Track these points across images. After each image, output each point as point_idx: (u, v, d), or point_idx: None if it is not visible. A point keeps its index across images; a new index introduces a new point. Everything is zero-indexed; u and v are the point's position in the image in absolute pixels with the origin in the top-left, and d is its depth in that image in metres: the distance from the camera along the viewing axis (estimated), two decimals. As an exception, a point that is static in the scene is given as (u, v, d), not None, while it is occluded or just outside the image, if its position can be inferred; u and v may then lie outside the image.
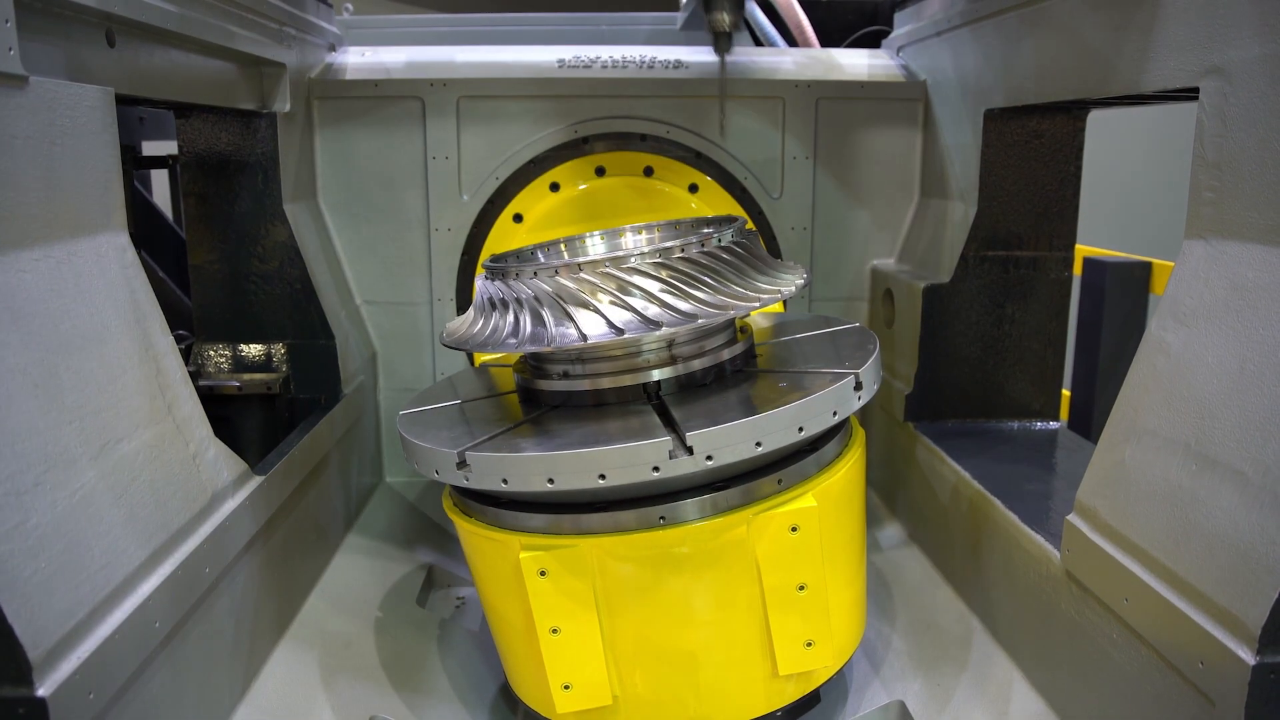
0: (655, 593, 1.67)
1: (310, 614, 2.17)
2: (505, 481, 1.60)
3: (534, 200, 2.87)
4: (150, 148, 3.62)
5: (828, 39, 3.59)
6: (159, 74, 1.91)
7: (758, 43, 3.64)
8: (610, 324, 1.64)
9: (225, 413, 2.49)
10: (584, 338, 1.63)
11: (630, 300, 1.66)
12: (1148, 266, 4.23)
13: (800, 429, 1.63)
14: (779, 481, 1.68)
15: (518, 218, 2.87)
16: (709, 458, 1.56)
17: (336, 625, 2.17)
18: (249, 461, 1.91)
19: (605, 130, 2.85)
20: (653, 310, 1.65)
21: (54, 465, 1.31)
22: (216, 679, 1.72)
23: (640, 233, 2.23)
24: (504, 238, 2.89)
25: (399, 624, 2.27)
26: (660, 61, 2.90)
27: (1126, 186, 7.15)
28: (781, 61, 2.97)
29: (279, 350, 2.57)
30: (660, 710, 1.74)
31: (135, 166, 3.50)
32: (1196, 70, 1.58)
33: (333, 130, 2.82)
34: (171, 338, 1.72)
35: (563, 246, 2.18)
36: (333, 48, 2.94)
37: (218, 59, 2.20)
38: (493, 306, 1.78)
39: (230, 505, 1.77)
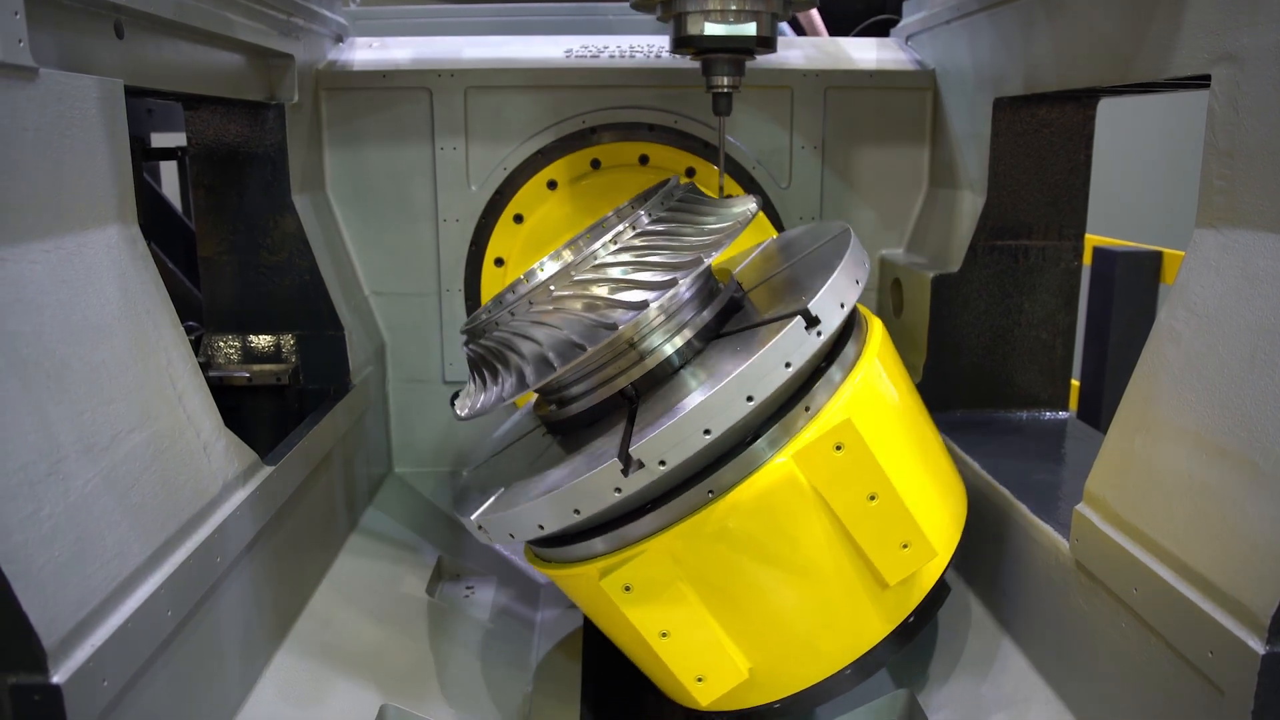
0: (738, 561, 1.66)
1: (320, 604, 2.18)
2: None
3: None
4: (159, 139, 3.64)
5: (836, 28, 3.58)
6: (168, 66, 1.92)
7: (766, 32, 3.62)
8: (604, 325, 1.65)
9: (235, 404, 2.50)
10: (584, 348, 1.64)
11: (618, 289, 1.67)
12: (1158, 256, 4.22)
13: (750, 397, 1.56)
14: (807, 409, 1.65)
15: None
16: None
17: (346, 615, 2.18)
18: (259, 452, 1.92)
19: (613, 120, 2.85)
20: (639, 293, 1.66)
21: (66, 455, 1.32)
22: (228, 667, 1.73)
23: (586, 237, 2.19)
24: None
25: (408, 614, 2.28)
26: (668, 51, 2.90)
27: (1137, 175, 7.11)
28: (789, 51, 2.95)
29: (288, 341, 2.57)
30: (796, 664, 1.74)
31: (144, 158, 3.52)
32: (1208, 57, 1.57)
33: (341, 121, 2.82)
34: (181, 329, 1.73)
35: (523, 279, 2.13)
36: (340, 39, 2.94)
37: (226, 50, 2.20)
38: (486, 365, 1.80)
39: (241, 495, 1.78)
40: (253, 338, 2.57)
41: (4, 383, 1.25)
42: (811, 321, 1.57)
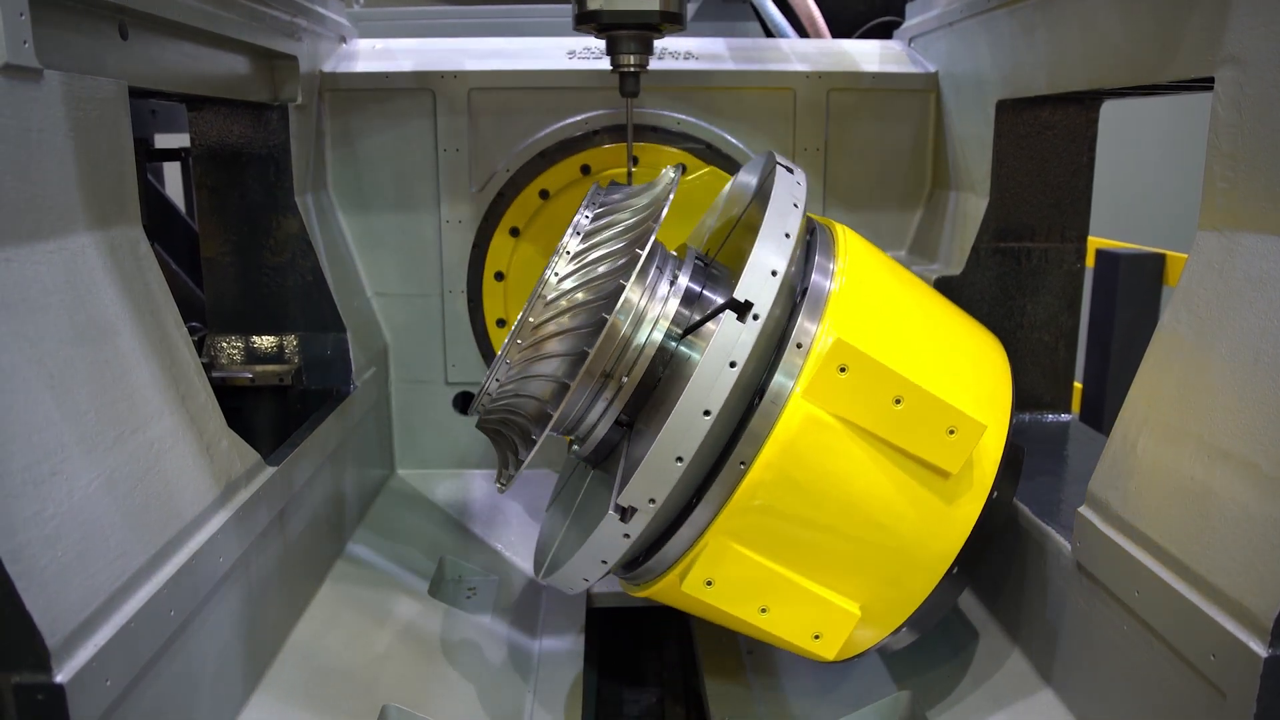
0: (798, 516, 1.64)
1: (323, 604, 2.18)
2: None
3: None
4: (163, 140, 3.64)
5: (839, 30, 3.58)
6: (172, 67, 1.92)
7: (769, 34, 3.63)
8: (560, 382, 1.67)
9: (238, 404, 2.51)
10: (550, 415, 1.66)
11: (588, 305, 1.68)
12: (1161, 258, 4.21)
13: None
14: (799, 346, 1.62)
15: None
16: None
17: (349, 615, 2.19)
18: (261, 452, 1.92)
19: (616, 122, 2.85)
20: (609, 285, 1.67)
21: (70, 455, 1.33)
22: (230, 667, 1.73)
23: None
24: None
25: (411, 614, 2.28)
26: (671, 52, 2.90)
27: (1140, 178, 7.10)
28: (792, 53, 2.96)
29: (291, 342, 2.58)
30: (903, 585, 1.72)
31: (148, 159, 3.52)
32: (1212, 59, 1.56)
33: (344, 122, 2.82)
34: (185, 329, 1.73)
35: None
36: (343, 40, 2.94)
37: (230, 52, 2.21)
38: (499, 438, 1.82)
39: (244, 495, 1.78)
40: (255, 338, 2.58)
41: (8, 383, 1.25)
42: (743, 309, 1.54)
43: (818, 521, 1.64)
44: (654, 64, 2.85)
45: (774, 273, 1.57)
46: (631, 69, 2.25)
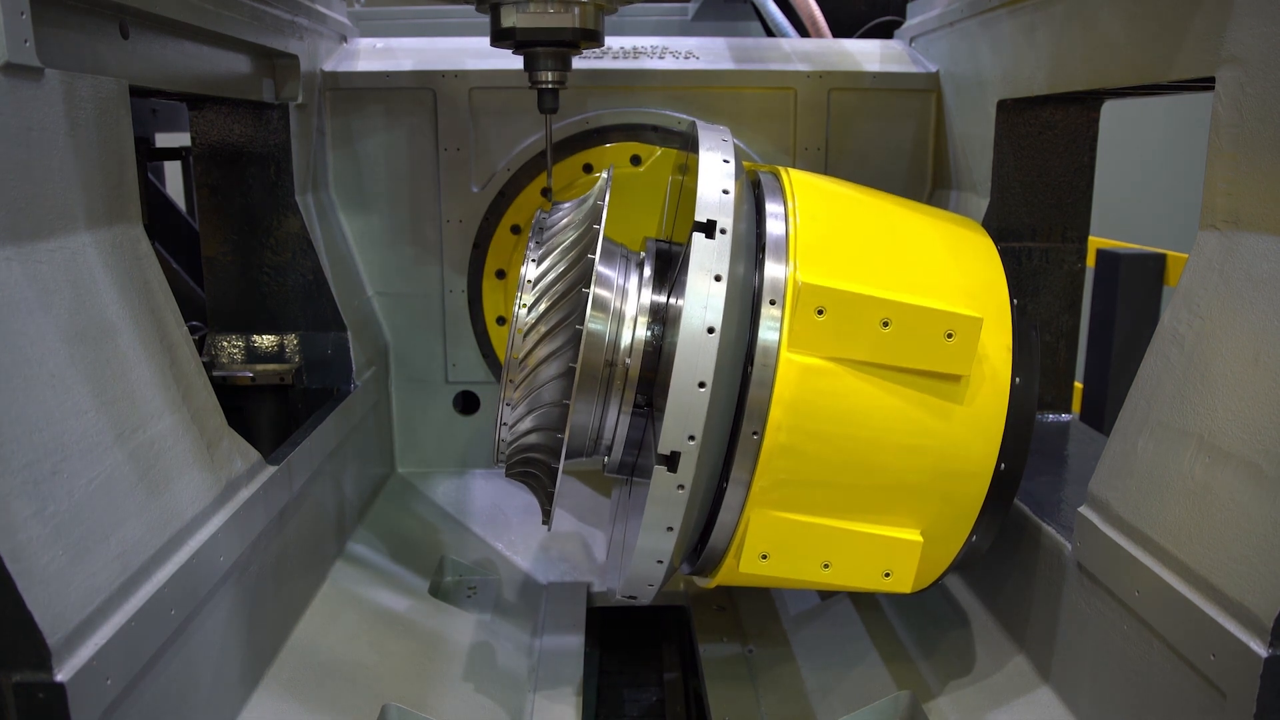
0: (829, 466, 1.63)
1: (323, 603, 2.18)
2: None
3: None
4: (163, 140, 3.64)
5: (840, 30, 3.58)
6: (172, 66, 1.92)
7: (770, 34, 3.63)
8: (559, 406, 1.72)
9: (238, 403, 2.51)
10: (559, 448, 1.70)
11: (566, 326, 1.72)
12: (1162, 258, 4.21)
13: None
14: (772, 302, 1.62)
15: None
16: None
17: (349, 614, 2.19)
18: (262, 452, 1.92)
19: (617, 121, 2.85)
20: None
21: (71, 454, 1.33)
22: (230, 666, 1.73)
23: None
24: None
25: (411, 613, 2.28)
26: (672, 51, 2.90)
27: (1141, 178, 7.10)
28: (793, 52, 2.96)
29: (291, 341, 2.58)
30: (956, 499, 1.70)
31: (149, 158, 3.52)
32: (1213, 59, 1.56)
33: (344, 121, 2.82)
34: (185, 329, 1.73)
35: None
36: (344, 39, 2.94)
37: (230, 51, 2.21)
38: (533, 460, 1.84)
39: (244, 495, 1.78)
40: (256, 338, 2.58)
41: (8, 381, 1.25)
42: (708, 228, 1.56)
43: (847, 465, 1.63)
44: (657, 63, 2.86)
45: (725, 191, 1.61)
46: (549, 85, 2.25)
